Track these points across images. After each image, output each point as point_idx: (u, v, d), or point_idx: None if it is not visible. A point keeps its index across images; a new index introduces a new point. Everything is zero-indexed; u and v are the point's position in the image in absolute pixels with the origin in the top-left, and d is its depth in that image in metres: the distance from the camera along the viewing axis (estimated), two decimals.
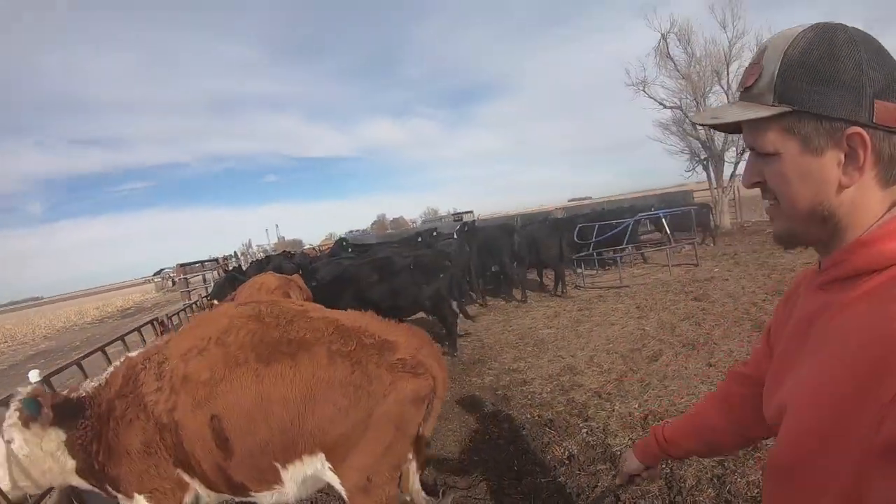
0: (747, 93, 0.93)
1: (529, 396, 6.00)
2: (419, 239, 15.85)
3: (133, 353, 3.13)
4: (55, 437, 2.80)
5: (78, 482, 2.95)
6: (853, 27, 0.87)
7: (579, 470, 4.27)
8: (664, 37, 21.33)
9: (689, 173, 22.89)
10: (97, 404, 2.88)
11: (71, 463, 2.85)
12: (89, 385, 3.00)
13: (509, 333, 9.07)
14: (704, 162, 22.00)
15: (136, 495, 2.85)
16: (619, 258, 12.61)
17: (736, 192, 22.70)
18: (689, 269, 12.49)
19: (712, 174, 21.85)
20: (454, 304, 8.93)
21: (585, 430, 4.96)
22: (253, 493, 2.94)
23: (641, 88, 22.26)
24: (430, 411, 2.94)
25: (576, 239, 14.10)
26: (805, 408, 0.85)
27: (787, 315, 1.08)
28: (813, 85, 0.84)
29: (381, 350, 2.84)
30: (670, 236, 13.17)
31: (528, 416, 5.47)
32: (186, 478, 2.89)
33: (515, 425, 5.28)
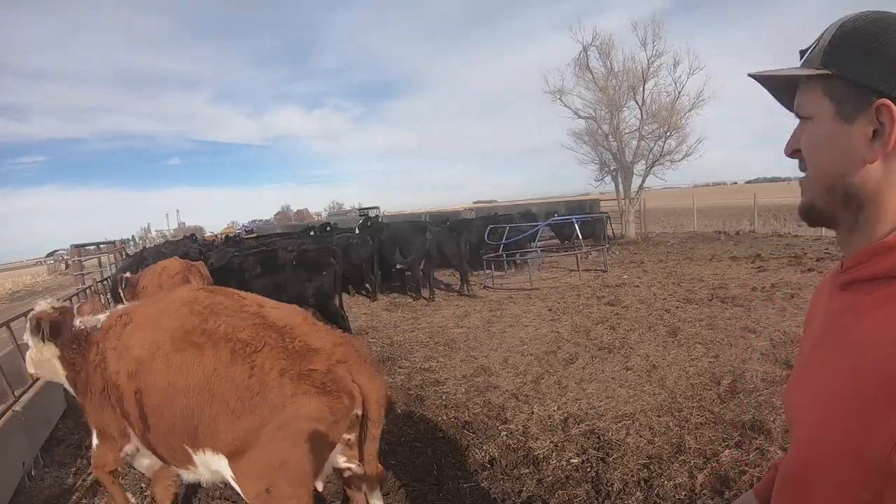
0: (803, 58, 0.92)
1: (444, 397, 5.74)
2: (311, 233, 15.35)
3: (122, 307, 3.50)
4: (51, 350, 3.35)
5: (69, 388, 3.46)
6: None
7: (502, 474, 4.06)
8: (585, 49, 21.77)
9: (598, 183, 23.45)
10: (86, 340, 3.28)
11: (62, 372, 3.39)
12: (92, 320, 3.38)
13: (419, 332, 8.78)
14: (614, 172, 22.53)
15: (93, 428, 3.32)
16: (529, 260, 12.56)
17: (642, 203, 23.37)
18: (597, 275, 12.64)
19: (621, 185, 22.39)
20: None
21: (505, 432, 4.75)
22: (173, 467, 3.12)
23: (558, 97, 22.61)
24: (364, 433, 2.81)
25: (487, 240, 14.02)
26: (816, 418, 0.81)
27: (815, 308, 1.02)
28: (857, 54, 0.82)
29: (294, 357, 2.66)
30: (581, 241, 13.27)
31: (445, 417, 5.20)
32: (129, 431, 3.11)
33: (431, 427, 5.00)
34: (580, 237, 13.26)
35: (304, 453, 2.58)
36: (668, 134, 21.16)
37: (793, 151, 0.94)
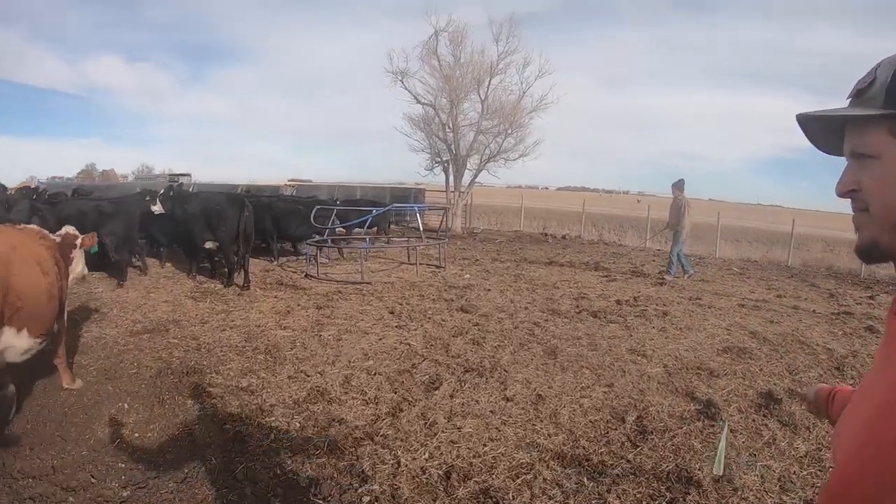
0: (858, 98, 0.92)
1: (273, 436, 4.25)
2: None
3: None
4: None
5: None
6: None
7: None
8: (437, 33, 20.91)
9: (428, 173, 22.68)
10: None
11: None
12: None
13: (232, 331, 7.10)
14: (445, 164, 21.82)
15: None
16: (363, 249, 11.18)
17: (470, 198, 22.92)
18: (434, 272, 11.59)
19: (451, 177, 21.73)
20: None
21: (368, 498, 3.43)
22: None
23: (400, 79, 21.50)
24: None
25: (313, 222, 12.48)
26: (863, 442, 0.80)
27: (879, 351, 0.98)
28: None
29: None
30: (422, 233, 12.09)
31: (279, 471, 3.75)
32: None
33: (262, 489, 3.54)
34: (421, 227, 12.09)
35: None
36: (509, 131, 20.88)
37: (848, 191, 0.93)
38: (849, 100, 0.95)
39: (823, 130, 0.98)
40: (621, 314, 8.42)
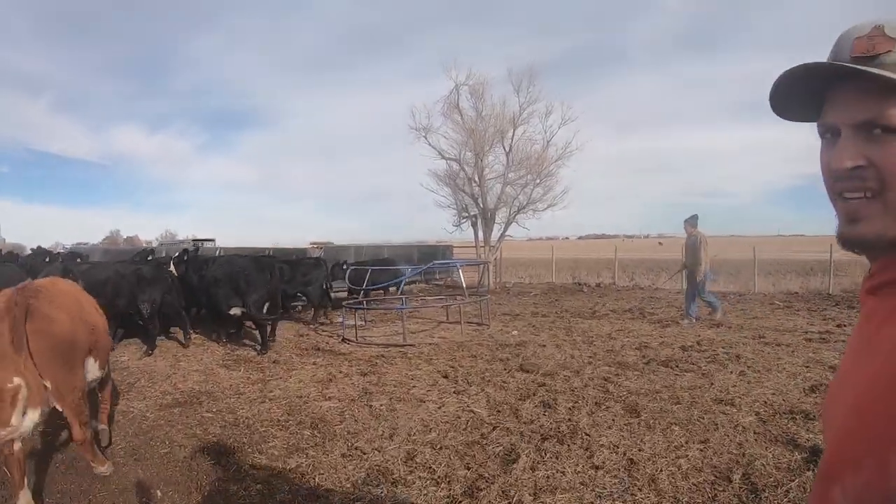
0: (871, 60, 0.81)
1: None
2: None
3: None
4: None
5: None
6: None
7: None
8: (458, 87, 20.73)
9: (456, 229, 22.21)
10: None
11: None
12: None
13: (272, 403, 6.44)
14: (473, 218, 21.35)
15: None
16: (401, 309, 10.53)
17: (500, 252, 22.34)
18: (478, 329, 10.89)
19: (480, 232, 21.22)
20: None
21: None
22: None
23: (423, 135, 21.24)
24: None
25: (348, 283, 11.95)
26: (851, 421, 0.79)
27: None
28: None
29: None
30: (465, 289, 11.43)
31: None
32: None
33: None
34: (464, 284, 11.43)
35: None
36: (538, 181, 20.44)
37: (854, 167, 0.82)
38: (845, 60, 0.84)
39: (803, 89, 0.88)
40: (692, 361, 7.78)
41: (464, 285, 11.47)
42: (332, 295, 13.74)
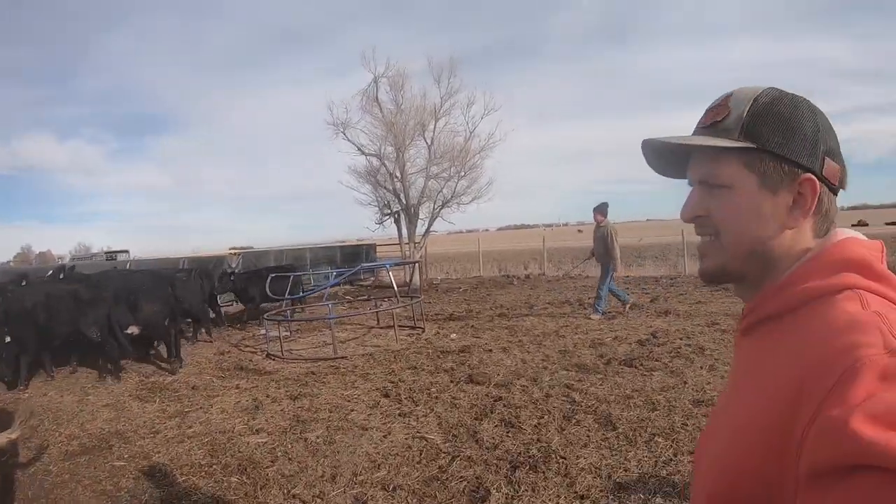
0: (711, 128, 0.96)
1: None
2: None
3: None
4: None
5: None
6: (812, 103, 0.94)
7: None
8: (376, 79, 19.93)
9: (378, 226, 21.55)
10: None
11: None
12: None
13: (192, 443, 5.63)
14: (396, 215, 20.74)
15: None
16: (330, 319, 9.80)
17: (425, 249, 21.81)
18: (412, 335, 10.31)
19: (404, 228, 20.63)
20: None
21: None
22: None
23: (342, 130, 20.41)
24: None
25: (268, 292, 11.14)
26: (733, 441, 0.84)
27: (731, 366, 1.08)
28: (778, 130, 0.90)
29: None
30: (396, 292, 10.75)
31: None
32: None
33: None
34: (395, 286, 10.76)
35: None
36: (462, 174, 19.99)
37: (695, 217, 0.98)
38: (698, 129, 0.99)
39: (666, 155, 1.02)
40: (655, 357, 7.42)
41: (395, 287, 10.77)
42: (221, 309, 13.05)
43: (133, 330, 8.76)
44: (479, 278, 21.34)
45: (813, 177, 0.89)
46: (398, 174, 20.26)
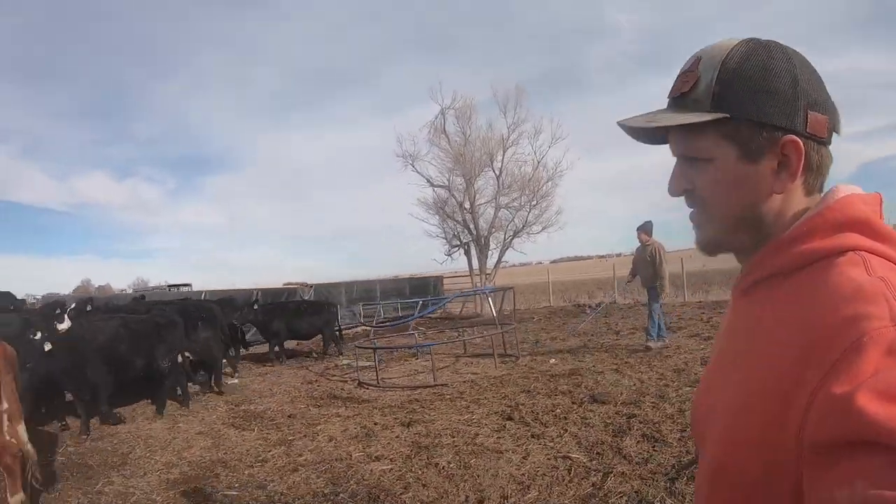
0: (682, 99, 0.91)
1: None
2: None
3: None
4: None
5: None
6: (788, 46, 0.89)
7: None
8: (443, 111, 19.85)
9: (447, 258, 21.18)
10: None
11: None
12: None
13: (308, 472, 5.18)
14: (465, 246, 20.33)
15: None
16: (428, 347, 9.31)
17: (494, 280, 21.31)
18: (507, 363, 9.72)
19: (475, 259, 20.20)
20: None
21: None
22: None
23: (411, 162, 20.28)
24: None
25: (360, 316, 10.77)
26: (735, 411, 0.81)
27: (723, 323, 1.05)
28: (751, 94, 0.85)
29: None
30: (496, 318, 10.22)
31: None
32: None
33: None
34: (494, 313, 10.24)
35: None
36: (534, 203, 19.57)
37: (683, 191, 0.94)
38: (670, 99, 0.94)
39: (645, 131, 0.96)
40: None
41: (494, 314, 10.22)
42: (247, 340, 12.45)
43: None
44: (549, 308, 20.68)
45: (795, 137, 0.84)
46: (467, 205, 19.91)
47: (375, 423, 6.52)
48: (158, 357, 7.73)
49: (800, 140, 0.83)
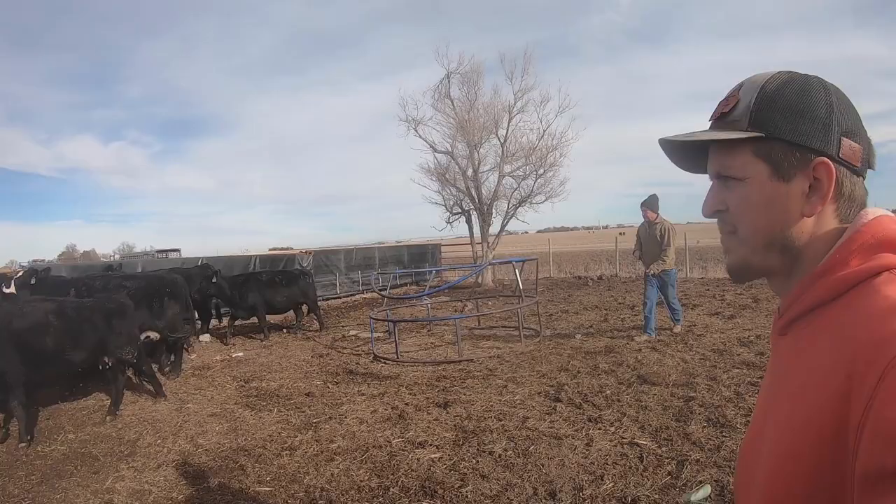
0: (721, 120, 0.91)
1: None
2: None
3: None
4: None
5: None
6: (828, 81, 0.88)
7: None
8: (449, 75, 19.16)
9: (447, 226, 20.65)
10: None
11: None
12: None
13: (344, 461, 4.73)
14: (467, 213, 19.79)
15: None
16: (456, 319, 8.79)
17: (495, 248, 20.85)
18: (532, 337, 9.25)
19: (476, 227, 19.68)
20: None
21: None
22: None
23: (414, 127, 19.59)
24: None
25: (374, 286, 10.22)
26: (782, 451, 0.78)
27: (767, 374, 0.99)
28: (787, 115, 0.84)
29: None
30: (521, 291, 9.69)
31: None
32: None
33: None
34: (521, 285, 9.71)
35: None
36: (540, 172, 18.99)
37: (715, 212, 0.93)
38: (711, 121, 0.94)
39: (686, 151, 0.97)
40: None
41: (520, 286, 9.66)
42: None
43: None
44: (550, 279, 20.27)
45: (827, 160, 0.81)
46: (470, 172, 19.33)
47: (406, 404, 6.05)
48: (99, 350, 6.44)
49: (832, 164, 0.81)
